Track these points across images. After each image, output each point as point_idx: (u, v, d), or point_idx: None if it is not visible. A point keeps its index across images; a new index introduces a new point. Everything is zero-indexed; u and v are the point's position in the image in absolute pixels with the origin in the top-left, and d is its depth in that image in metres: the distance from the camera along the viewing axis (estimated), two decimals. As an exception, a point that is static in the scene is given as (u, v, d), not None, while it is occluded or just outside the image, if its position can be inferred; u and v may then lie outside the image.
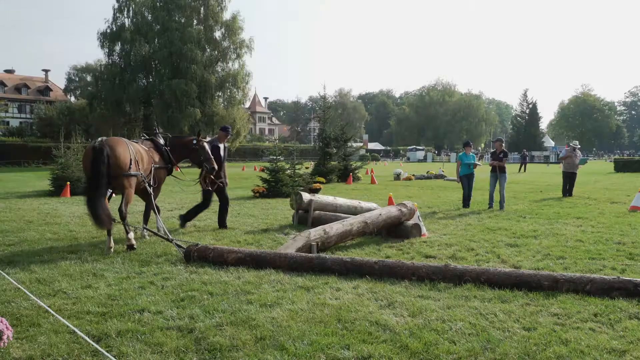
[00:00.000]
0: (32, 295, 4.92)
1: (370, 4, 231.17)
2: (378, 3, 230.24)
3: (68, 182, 16.47)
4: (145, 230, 8.28)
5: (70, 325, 3.94)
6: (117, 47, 50.50)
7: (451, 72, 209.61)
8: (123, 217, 7.46)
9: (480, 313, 4.60)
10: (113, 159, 7.16)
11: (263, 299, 4.97)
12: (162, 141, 8.63)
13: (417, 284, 5.52)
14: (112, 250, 7.23)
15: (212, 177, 8.89)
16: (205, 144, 8.85)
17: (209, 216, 11.22)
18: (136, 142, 8.16)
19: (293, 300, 4.94)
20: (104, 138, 7.42)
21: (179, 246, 7.07)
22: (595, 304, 4.82)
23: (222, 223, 9.67)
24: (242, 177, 28.29)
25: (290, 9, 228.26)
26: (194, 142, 8.77)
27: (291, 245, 6.84)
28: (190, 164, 8.46)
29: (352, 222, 7.83)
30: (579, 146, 16.82)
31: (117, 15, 50.44)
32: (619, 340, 3.99)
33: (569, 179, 16.05)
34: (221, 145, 9.57)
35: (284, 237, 8.56)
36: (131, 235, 7.52)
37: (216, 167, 8.80)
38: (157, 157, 8.39)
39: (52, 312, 4.34)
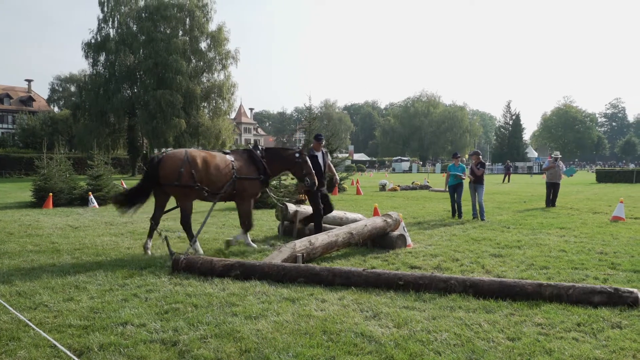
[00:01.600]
0: (11, 309, 4.83)
1: (356, 15, 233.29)
2: (364, 15, 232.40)
3: (50, 194, 16.28)
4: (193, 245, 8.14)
5: (51, 339, 3.87)
6: (102, 58, 50.29)
7: (436, 83, 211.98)
8: (183, 225, 8.05)
9: (465, 323, 4.61)
10: (160, 170, 7.77)
11: (248, 311, 4.93)
12: (259, 153, 8.65)
13: (402, 295, 5.52)
14: (148, 252, 7.87)
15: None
16: (307, 159, 8.91)
17: (194, 227, 11.14)
18: (225, 153, 8.47)
19: (278, 312, 4.91)
20: (168, 150, 7.90)
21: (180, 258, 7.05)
22: (579, 313, 4.86)
23: (318, 228, 9.21)
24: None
25: (276, 20, 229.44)
26: (297, 155, 8.79)
27: (276, 256, 6.80)
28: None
29: (337, 233, 7.82)
30: (560, 156, 17.04)
31: (102, 25, 50.30)
32: (602, 350, 4.02)
33: (552, 190, 16.24)
34: (318, 154, 9.58)
35: (270, 248, 8.53)
36: (194, 248, 7.90)
37: (317, 182, 8.87)
38: (248, 169, 8.42)
39: (33, 325, 4.27)
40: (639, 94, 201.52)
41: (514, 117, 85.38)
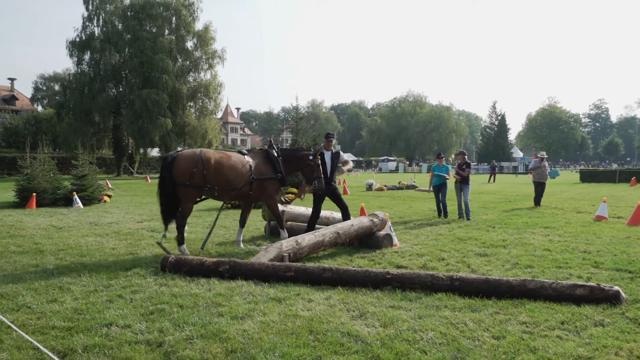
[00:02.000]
0: (-6, 311, 4.77)
1: (343, 15, 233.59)
2: (351, 15, 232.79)
3: (34, 194, 16.08)
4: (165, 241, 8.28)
5: (34, 341, 3.83)
6: (87, 56, 49.77)
7: (422, 83, 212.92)
8: (178, 226, 7.98)
9: (450, 322, 4.64)
10: (174, 169, 7.79)
11: (234, 311, 4.91)
12: (275, 153, 8.72)
13: (388, 294, 5.54)
14: (183, 247, 7.93)
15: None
16: (320, 163, 8.99)
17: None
18: (242, 153, 8.51)
19: (264, 312, 4.90)
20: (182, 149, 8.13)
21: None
22: (563, 312, 4.91)
23: (310, 228, 9.28)
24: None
25: (263, 20, 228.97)
26: (311, 158, 8.88)
27: (263, 256, 6.79)
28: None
29: (324, 233, 7.82)
30: (546, 156, 17.21)
31: (87, 24, 49.82)
32: (585, 347, 4.07)
33: (539, 189, 16.38)
34: (327, 154, 9.58)
35: (256, 248, 8.51)
36: (182, 248, 7.93)
37: (323, 187, 9.04)
38: (265, 168, 8.49)
39: (15, 327, 4.22)
40: (622, 95, 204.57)
41: (499, 118, 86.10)
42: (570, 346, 4.09)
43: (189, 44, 51.37)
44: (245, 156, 8.45)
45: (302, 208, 10.30)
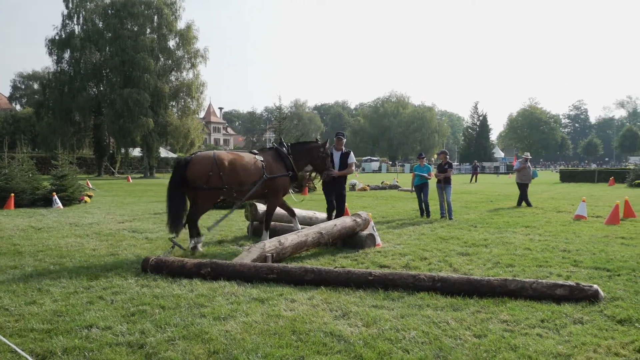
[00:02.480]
0: (-29, 313, 4.68)
1: (325, 15, 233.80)
2: (333, 15, 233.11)
3: (12, 194, 15.80)
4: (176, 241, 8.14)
5: (12, 344, 3.76)
6: (67, 55, 49.17)
7: (405, 84, 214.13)
8: (190, 221, 8.00)
9: (433, 321, 4.67)
10: (189, 172, 7.80)
11: (217, 312, 4.89)
12: (285, 150, 8.87)
13: (371, 294, 5.56)
14: (198, 249, 7.95)
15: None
16: (329, 154, 9.43)
17: (162, 228, 11.01)
18: (254, 153, 8.59)
19: (247, 313, 4.89)
20: (198, 152, 8.19)
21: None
22: (543, 310, 4.98)
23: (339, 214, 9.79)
24: (196, 188, 27.82)
25: (245, 19, 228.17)
26: (322, 150, 9.25)
27: (246, 256, 6.76)
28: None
29: (307, 233, 7.82)
30: (530, 157, 17.38)
31: (67, 21, 49.20)
32: (565, 345, 4.13)
33: (523, 190, 16.54)
34: (336, 153, 10.01)
35: (239, 248, 8.48)
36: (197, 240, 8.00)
37: (332, 176, 9.54)
38: (277, 167, 8.62)
39: (-7, 330, 4.14)
40: (600, 97, 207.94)
41: (481, 118, 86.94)
42: (550, 344, 4.14)
43: (171, 43, 51.02)
44: (257, 156, 8.54)
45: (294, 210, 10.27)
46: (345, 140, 10.25)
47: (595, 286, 5.34)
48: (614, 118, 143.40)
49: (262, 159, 8.47)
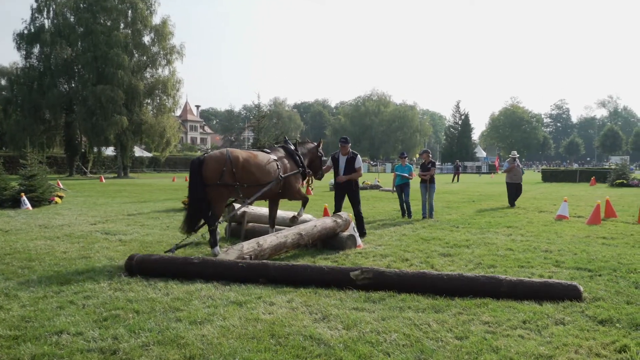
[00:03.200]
0: None
1: (304, 12, 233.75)
2: (313, 12, 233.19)
3: (-22, 194, 15.48)
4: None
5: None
6: (36, 50, 48.37)
7: (386, 82, 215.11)
8: (210, 229, 7.98)
9: (414, 324, 4.70)
10: (204, 170, 7.84)
11: (193, 316, 4.85)
12: (292, 147, 9.18)
13: (351, 296, 5.57)
14: (216, 249, 7.81)
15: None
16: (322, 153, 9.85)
17: (136, 230, 10.89)
18: (266, 152, 8.74)
19: (225, 316, 4.86)
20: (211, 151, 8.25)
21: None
22: (524, 311, 5.04)
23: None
24: (172, 188, 27.63)
25: (223, 15, 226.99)
26: (319, 150, 9.65)
27: (223, 259, 6.72)
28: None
29: (286, 234, 7.81)
30: (518, 156, 17.59)
31: (36, 15, 48.34)
32: (546, 346, 4.19)
33: (515, 189, 16.72)
34: (341, 158, 10.24)
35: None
36: (216, 250, 7.83)
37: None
38: (290, 164, 8.89)
39: (-43, 337, 4.05)
40: (582, 96, 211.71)
41: (463, 117, 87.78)
42: (532, 345, 4.20)
43: (146, 39, 50.45)
44: (272, 155, 8.69)
45: (263, 209, 10.25)
46: (350, 144, 10.43)
47: (580, 288, 5.49)
48: (595, 118, 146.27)
49: (275, 158, 8.65)
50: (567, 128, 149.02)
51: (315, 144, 9.76)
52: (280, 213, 10.17)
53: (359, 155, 10.38)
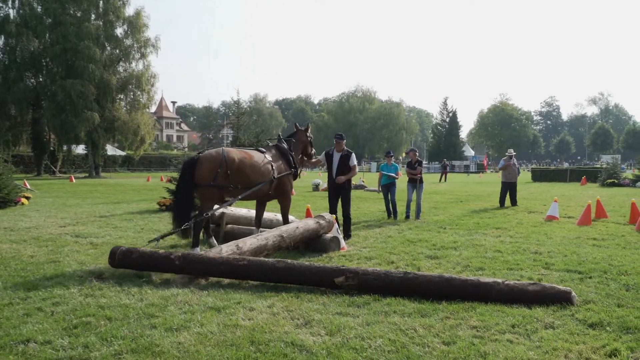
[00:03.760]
0: None
1: (286, 5, 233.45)
2: (295, 4, 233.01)
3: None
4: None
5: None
6: (0, 41, 47.57)
7: (371, 78, 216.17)
8: (195, 229, 7.96)
9: (400, 329, 4.72)
10: (197, 170, 7.86)
11: (169, 323, 4.83)
12: (286, 146, 9.24)
13: (335, 300, 5.59)
14: (197, 250, 7.66)
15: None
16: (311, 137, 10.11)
17: (108, 232, 10.80)
18: (261, 151, 8.80)
19: (202, 323, 4.84)
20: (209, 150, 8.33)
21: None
22: (513, 314, 5.10)
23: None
24: (147, 188, 27.44)
25: (200, 7, 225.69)
26: (307, 134, 9.88)
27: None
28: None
29: (267, 237, 7.79)
30: (514, 154, 17.78)
31: (0, 5, 47.55)
32: (535, 351, 4.24)
33: (510, 189, 16.91)
34: (335, 155, 10.35)
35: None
36: (197, 250, 7.68)
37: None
38: (284, 165, 8.97)
39: None
40: (572, 93, 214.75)
41: (450, 115, 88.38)
42: (521, 350, 4.25)
43: (119, 31, 49.93)
44: (266, 155, 8.77)
45: (243, 210, 10.23)
46: (344, 141, 10.47)
47: (573, 292, 5.58)
48: (586, 115, 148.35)
49: (270, 159, 8.74)
50: (558, 126, 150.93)
51: (304, 129, 9.89)
52: (265, 215, 10.16)
53: (353, 153, 10.47)
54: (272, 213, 10.51)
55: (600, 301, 5.61)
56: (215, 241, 8.46)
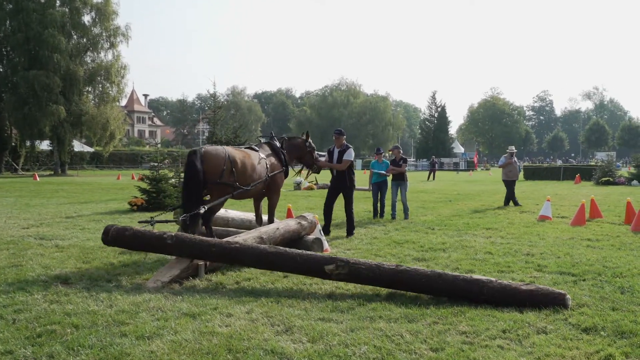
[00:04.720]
0: None
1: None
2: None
3: None
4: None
5: None
6: (-44, 29, 46.89)
7: (356, 71, 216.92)
8: (204, 219, 8.24)
9: (386, 335, 4.75)
10: (205, 165, 8.04)
11: (140, 330, 4.79)
12: (278, 144, 9.62)
13: (317, 305, 5.60)
14: None
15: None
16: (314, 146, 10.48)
17: (75, 234, 10.70)
18: (254, 149, 9.03)
19: (176, 330, 4.82)
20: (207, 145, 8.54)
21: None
22: (504, 319, 5.16)
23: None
24: (117, 187, 27.21)
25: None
26: (308, 144, 10.26)
27: (175, 265, 6.67)
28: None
29: (245, 238, 7.77)
30: (515, 151, 17.96)
31: (-45, -11, 46.84)
32: (527, 357, 4.29)
33: (510, 188, 17.10)
34: (334, 151, 11.01)
35: (167, 257, 8.32)
36: None
37: (320, 169, 10.87)
38: (276, 163, 9.32)
39: None
40: (566, 87, 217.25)
41: (439, 109, 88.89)
42: (512, 356, 4.29)
43: (86, 19, 49.51)
44: (261, 153, 9.07)
45: (232, 212, 10.20)
46: (344, 136, 10.98)
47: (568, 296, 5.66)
48: (580, 111, 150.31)
49: (264, 157, 9.05)
50: (551, 122, 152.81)
51: (304, 138, 10.32)
52: (240, 214, 10.15)
53: (351, 148, 10.91)
54: (250, 213, 10.49)
55: (595, 305, 5.69)
56: None
